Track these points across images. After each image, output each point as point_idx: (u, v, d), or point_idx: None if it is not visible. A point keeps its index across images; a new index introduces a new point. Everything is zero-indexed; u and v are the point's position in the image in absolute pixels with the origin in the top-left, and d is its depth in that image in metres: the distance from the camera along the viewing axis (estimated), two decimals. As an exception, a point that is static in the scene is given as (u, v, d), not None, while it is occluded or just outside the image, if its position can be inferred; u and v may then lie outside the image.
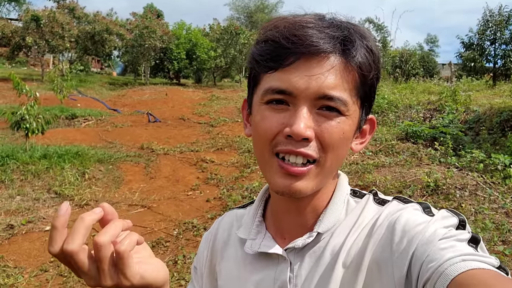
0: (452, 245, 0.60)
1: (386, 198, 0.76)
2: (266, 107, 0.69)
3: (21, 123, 7.28)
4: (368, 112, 0.74)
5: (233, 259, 0.84)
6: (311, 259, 0.73)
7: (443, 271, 0.56)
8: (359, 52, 0.66)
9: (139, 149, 8.51)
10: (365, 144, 0.77)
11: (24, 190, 6.16)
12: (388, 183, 5.69)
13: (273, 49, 0.67)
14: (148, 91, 18.19)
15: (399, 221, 0.67)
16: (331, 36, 0.65)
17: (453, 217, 0.66)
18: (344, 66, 0.65)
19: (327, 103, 0.65)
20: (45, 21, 19.02)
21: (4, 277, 3.97)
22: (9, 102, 13.63)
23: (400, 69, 20.76)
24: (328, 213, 0.75)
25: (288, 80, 0.66)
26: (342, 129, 0.67)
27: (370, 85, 0.69)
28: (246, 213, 0.87)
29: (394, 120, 10.31)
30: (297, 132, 0.64)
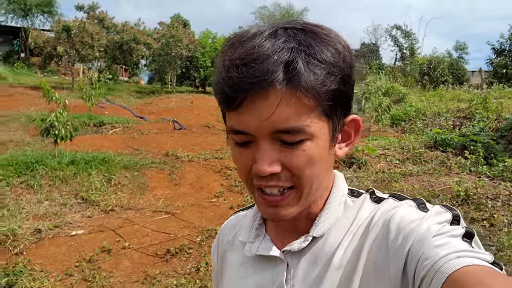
0: (446, 242, 0.60)
1: (382, 196, 0.76)
2: (237, 146, 0.70)
3: (50, 130, 7.45)
4: (345, 115, 0.71)
5: (235, 262, 0.86)
6: (307, 260, 0.74)
7: (438, 268, 0.56)
8: (305, 73, 0.62)
9: (164, 156, 8.57)
10: (351, 145, 0.76)
11: (52, 195, 6.28)
12: (416, 192, 5.54)
13: (221, 92, 0.66)
14: (174, 99, 18.42)
15: (394, 219, 0.67)
16: (269, 69, 0.61)
17: (446, 212, 0.66)
18: (290, 93, 0.62)
19: (284, 137, 0.64)
20: (76, 31, 19.56)
21: (30, 281, 4.03)
22: (40, 109, 14.01)
23: (428, 76, 20.37)
24: (324, 216, 0.75)
25: (241, 121, 0.66)
26: (309, 155, 0.66)
27: (332, 97, 0.65)
28: (248, 216, 0.88)
29: (422, 128, 10.09)
30: (261, 171, 0.65)
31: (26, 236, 4.90)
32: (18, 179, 6.63)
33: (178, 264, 4.45)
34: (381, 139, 8.73)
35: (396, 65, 36.32)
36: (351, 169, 7.04)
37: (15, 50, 33.93)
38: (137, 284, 4.10)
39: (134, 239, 4.97)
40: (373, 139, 8.82)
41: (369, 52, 40.52)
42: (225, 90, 0.65)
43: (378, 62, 37.89)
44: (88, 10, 23.89)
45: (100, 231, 5.15)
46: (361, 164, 7.09)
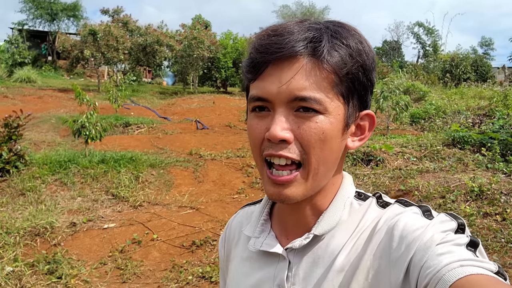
0: (450, 250, 0.60)
1: (388, 201, 0.77)
2: (252, 115, 0.73)
3: (82, 131, 7.87)
4: (362, 108, 0.75)
5: (240, 256, 0.87)
6: (309, 259, 0.75)
7: (441, 277, 0.56)
8: (329, 50, 0.68)
9: (188, 155, 8.92)
10: (365, 140, 0.78)
11: (84, 192, 6.68)
12: (431, 188, 5.71)
13: (250, 62, 0.71)
14: (196, 99, 18.84)
15: (397, 226, 0.67)
16: (298, 39, 0.67)
17: (451, 221, 0.66)
18: (313, 65, 0.67)
19: (301, 104, 0.67)
20: (101, 34, 20.20)
21: (69, 268, 4.40)
22: (69, 111, 14.62)
23: (450, 73, 20.20)
24: (327, 215, 0.76)
25: (263, 87, 0.69)
26: (321, 129, 0.68)
27: (350, 80, 0.70)
28: (255, 211, 0.89)
29: (442, 126, 10.16)
30: (273, 135, 0.67)
31: (63, 229, 5.29)
32: (52, 177, 7.06)
33: (203, 254, 4.76)
34: (399, 137, 8.87)
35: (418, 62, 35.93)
36: (369, 166, 7.22)
37: (43, 53, 35.07)
38: (166, 272, 4.42)
39: (161, 231, 5.30)
40: (391, 137, 8.97)
41: (390, 49, 40.22)
42: (254, 56, 0.70)
43: (400, 59, 37.59)
44: (112, 14, 24.57)
45: (130, 224, 5.50)
46: (379, 162, 7.27)
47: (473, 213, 4.96)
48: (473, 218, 4.86)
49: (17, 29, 33.00)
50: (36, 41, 35.20)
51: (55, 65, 32.51)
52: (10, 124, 7.35)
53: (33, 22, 35.20)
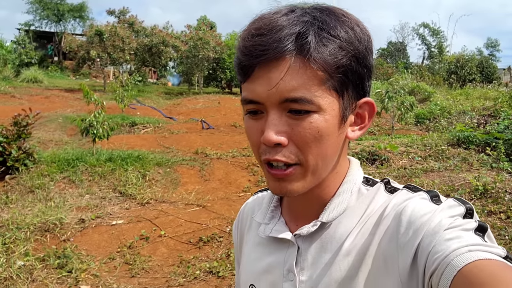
0: (458, 235, 0.59)
1: (397, 187, 0.76)
2: (247, 117, 0.72)
3: (89, 129, 7.97)
4: (359, 96, 0.73)
5: (252, 242, 0.89)
6: (317, 244, 0.76)
7: (450, 262, 0.56)
8: (316, 46, 0.65)
9: (194, 154, 8.99)
10: (365, 129, 0.76)
11: (92, 190, 6.77)
12: (436, 187, 5.75)
13: (237, 63, 0.70)
14: (201, 100, 18.92)
15: (405, 211, 0.67)
16: (282, 38, 0.64)
17: (460, 206, 0.66)
18: (300, 64, 0.65)
19: (292, 106, 0.66)
20: (108, 35, 20.34)
21: (79, 263, 4.48)
22: (76, 111, 14.74)
23: (456, 75, 20.19)
24: (334, 202, 0.76)
25: (253, 90, 0.68)
26: (316, 128, 0.67)
27: (343, 72, 0.67)
28: (265, 197, 0.90)
29: (447, 126, 10.18)
30: (267, 140, 0.66)
31: (72, 225, 5.38)
32: (60, 175, 7.16)
33: (210, 250, 4.83)
34: (403, 137, 8.92)
35: (423, 63, 35.88)
36: (374, 166, 7.28)
37: (49, 54, 35.32)
38: (173, 267, 4.50)
39: (169, 228, 5.38)
40: (396, 137, 9.01)
41: (395, 50, 40.19)
42: (240, 58, 0.68)
43: (405, 60, 37.56)
44: (119, 15, 24.71)
45: (138, 221, 5.58)
46: (384, 161, 7.32)
47: (477, 211, 5.00)
48: (478, 216, 4.90)
49: (24, 30, 33.25)
50: (42, 41, 35.46)
51: (61, 66, 32.72)
52: (19, 123, 7.45)
53: (39, 23, 35.48)
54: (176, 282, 4.17)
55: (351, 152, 7.84)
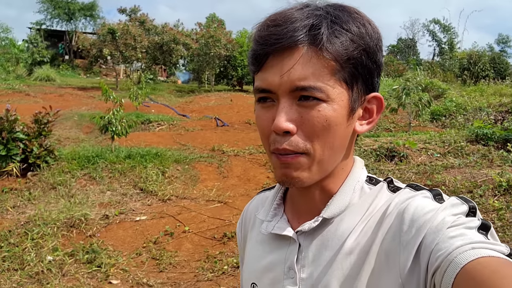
0: (461, 233, 0.60)
1: (399, 186, 0.77)
2: (258, 106, 0.74)
3: (108, 127, 8.04)
4: (368, 91, 0.74)
5: (255, 239, 0.90)
6: (318, 242, 0.76)
7: (453, 259, 0.56)
8: (328, 37, 0.67)
9: (211, 151, 9.04)
10: (374, 124, 0.77)
11: (113, 186, 6.84)
12: (458, 183, 5.74)
13: (252, 53, 0.72)
14: (213, 97, 18.96)
15: (408, 209, 0.67)
16: (296, 28, 0.67)
17: (462, 204, 0.66)
18: (313, 53, 0.67)
19: (302, 94, 0.68)
20: (120, 33, 20.45)
21: (107, 258, 4.54)
22: (91, 109, 14.86)
23: (469, 71, 20.04)
24: (336, 199, 0.76)
25: (265, 79, 0.70)
26: (324, 117, 0.68)
27: (354, 65, 0.70)
28: (269, 196, 0.91)
29: (463, 123, 10.12)
30: (278, 127, 0.68)
31: (97, 221, 5.44)
32: (81, 172, 7.24)
33: (235, 246, 4.87)
34: (421, 134, 8.88)
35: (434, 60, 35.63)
36: (393, 162, 7.26)
37: (60, 52, 35.60)
38: (200, 262, 4.54)
39: (192, 224, 5.42)
40: (414, 133, 8.98)
41: (405, 47, 39.95)
42: (255, 48, 0.71)
43: (416, 57, 37.31)
44: (130, 13, 24.82)
45: (161, 217, 5.63)
46: (402, 158, 7.30)
47: (502, 207, 4.98)
48: (502, 212, 4.89)
49: (35, 29, 33.52)
50: (53, 40, 35.76)
51: (72, 64, 32.97)
52: (40, 120, 7.54)
53: (50, 22, 35.75)
54: (205, 277, 4.21)
55: (369, 148, 7.84)
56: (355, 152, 7.84)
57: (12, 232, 5.07)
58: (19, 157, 7.01)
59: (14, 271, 4.28)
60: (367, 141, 8.40)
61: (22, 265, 4.34)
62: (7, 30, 29.75)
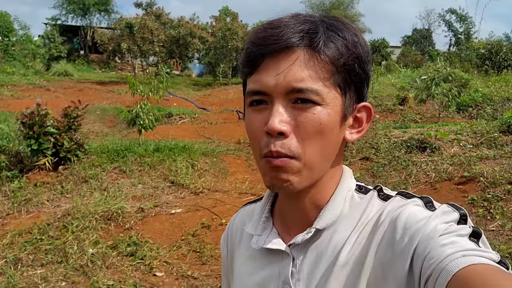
0: (452, 241, 0.60)
1: (390, 194, 0.76)
2: (250, 109, 0.73)
3: (136, 120, 8.06)
4: (358, 99, 0.75)
5: (244, 255, 0.87)
6: (313, 254, 0.75)
7: (444, 267, 0.56)
8: (324, 41, 0.68)
9: (237, 143, 9.02)
10: (363, 133, 0.77)
11: (143, 179, 6.85)
12: (497, 174, 5.62)
13: (246, 56, 0.72)
14: (231, 90, 18.92)
15: (400, 218, 0.67)
16: (294, 31, 0.68)
17: (454, 212, 0.66)
18: (309, 56, 0.68)
19: (298, 96, 0.68)
20: (137, 27, 20.48)
21: (149, 250, 4.54)
22: (112, 102, 14.95)
23: (490, 60, 19.68)
24: (328, 209, 0.75)
25: (260, 80, 0.69)
26: (318, 120, 0.68)
27: (347, 71, 0.70)
28: (256, 209, 0.89)
29: (491, 113, 9.94)
30: (272, 128, 0.67)
31: (133, 214, 5.46)
32: (111, 165, 7.26)
33: (274, 238, 4.83)
34: (451, 125, 8.74)
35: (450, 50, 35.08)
36: (425, 153, 7.15)
37: (75, 48, 35.82)
38: (241, 255, 4.52)
39: (228, 217, 5.39)
40: (443, 124, 8.84)
41: (421, 37, 39.40)
42: (250, 49, 0.70)
43: (431, 48, 36.77)
44: (146, 7, 24.84)
45: (196, 210, 5.62)
46: (434, 149, 7.19)
47: (546, 199, 4.87)
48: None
49: (51, 24, 33.75)
50: (69, 35, 35.95)
51: (87, 59, 33.16)
52: (69, 114, 7.58)
53: (65, 17, 35.93)
54: (249, 269, 4.19)
55: (399, 140, 7.73)
56: (385, 143, 7.74)
57: (51, 226, 5.11)
58: (50, 151, 7.05)
59: (58, 263, 4.31)
60: (396, 133, 8.29)
61: (65, 258, 4.37)
62: (26, 27, 29.98)
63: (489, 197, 5.21)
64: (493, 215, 4.88)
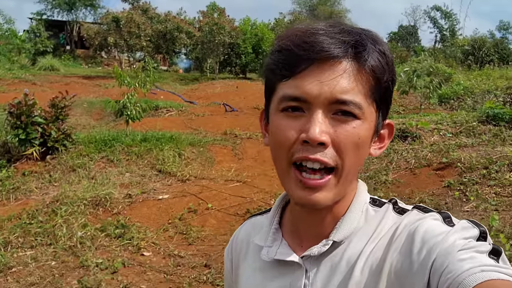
0: (471, 256, 0.59)
1: (405, 207, 0.75)
2: (282, 114, 0.70)
3: (123, 111, 8.13)
4: (385, 117, 0.74)
5: (251, 267, 0.84)
6: (327, 266, 0.73)
7: (462, 281, 0.55)
8: (371, 55, 0.68)
9: (223, 134, 9.15)
10: (384, 148, 0.77)
11: (131, 168, 6.95)
12: (474, 160, 5.85)
13: (286, 58, 0.68)
14: (218, 85, 19.00)
15: (418, 231, 0.66)
16: (342, 41, 0.66)
17: (473, 228, 0.65)
18: (356, 69, 0.67)
19: (341, 108, 0.66)
20: (124, 22, 20.43)
21: (136, 232, 4.67)
22: (98, 96, 14.94)
23: (473, 56, 20.09)
24: (345, 221, 0.74)
25: (301, 87, 0.66)
26: (358, 134, 0.68)
27: (385, 88, 0.70)
28: (264, 220, 0.87)
29: (472, 105, 10.23)
30: (313, 137, 0.65)
31: (121, 200, 5.57)
32: (99, 155, 7.34)
33: (259, 221, 4.99)
34: (432, 115, 8.99)
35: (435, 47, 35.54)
36: (406, 142, 7.37)
37: (61, 43, 35.45)
38: (226, 236, 4.66)
39: (214, 201, 5.54)
40: (424, 115, 9.08)
41: (407, 34, 39.83)
42: (293, 52, 0.67)
43: (417, 44, 37.20)
44: (132, 1, 24.76)
45: (183, 195, 5.76)
46: (415, 138, 7.41)
47: (518, 182, 5.10)
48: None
49: (36, 19, 33.37)
50: (54, 30, 35.52)
51: (73, 54, 32.86)
52: (56, 105, 7.62)
53: (51, 12, 35.54)
54: (234, 248, 4.34)
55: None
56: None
57: (39, 211, 5.20)
58: (38, 141, 7.10)
59: (48, 245, 4.41)
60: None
61: (55, 240, 4.47)
62: (10, 21, 29.62)
63: (465, 181, 5.44)
64: (468, 197, 5.09)
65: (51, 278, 3.81)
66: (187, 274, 3.93)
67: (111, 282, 3.76)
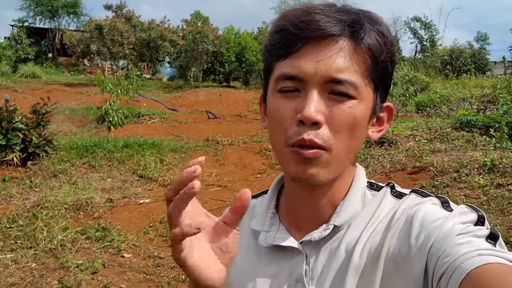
0: (469, 241, 0.59)
1: (403, 191, 0.75)
2: (279, 95, 0.70)
3: (105, 117, 8.19)
4: (384, 99, 0.74)
5: (244, 251, 0.79)
6: (326, 252, 0.73)
7: (459, 265, 0.55)
8: (369, 34, 0.67)
9: (205, 141, 9.26)
10: (383, 132, 0.77)
11: (112, 174, 7.00)
12: (445, 164, 6.08)
13: (282, 37, 0.68)
14: (202, 93, 19.11)
15: (417, 215, 0.66)
16: (339, 20, 0.66)
17: (472, 212, 0.65)
18: (353, 48, 0.66)
19: (336, 87, 0.66)
20: (107, 29, 20.44)
21: (117, 235, 4.74)
22: (81, 103, 14.90)
23: (451, 65, 20.64)
24: (345, 205, 0.74)
25: (297, 65, 0.66)
26: (353, 114, 0.67)
27: (383, 68, 0.70)
28: (259, 204, 0.86)
29: (447, 112, 10.55)
30: (307, 116, 0.64)
31: (102, 204, 5.63)
32: (80, 160, 7.38)
33: (238, 223, 5.11)
34: (408, 122, 9.26)
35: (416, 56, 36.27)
36: (383, 148, 7.59)
37: (43, 50, 35.16)
38: (206, 238, 4.77)
39: (195, 205, 5.63)
40: (401, 122, 9.35)
41: (388, 45, 40.61)
42: (290, 31, 0.67)
43: (398, 54, 37.94)
44: (116, 9, 24.78)
45: (164, 200, 5.81)
46: (391, 144, 7.64)
47: (487, 184, 5.34)
48: (487, 189, 5.24)
49: (18, 26, 33.07)
50: (36, 38, 35.22)
51: (55, 62, 32.62)
52: (38, 111, 7.65)
53: (33, 19, 35.26)
54: (213, 249, 4.44)
55: (360, 136, 8.14)
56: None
57: (20, 215, 5.22)
58: (18, 147, 7.12)
59: (28, 248, 4.45)
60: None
61: (35, 243, 4.51)
62: (-10, 28, 29.29)
63: (437, 184, 5.65)
64: (439, 199, 5.30)
65: (31, 278, 3.86)
66: (166, 273, 4.02)
67: (91, 282, 3.84)
